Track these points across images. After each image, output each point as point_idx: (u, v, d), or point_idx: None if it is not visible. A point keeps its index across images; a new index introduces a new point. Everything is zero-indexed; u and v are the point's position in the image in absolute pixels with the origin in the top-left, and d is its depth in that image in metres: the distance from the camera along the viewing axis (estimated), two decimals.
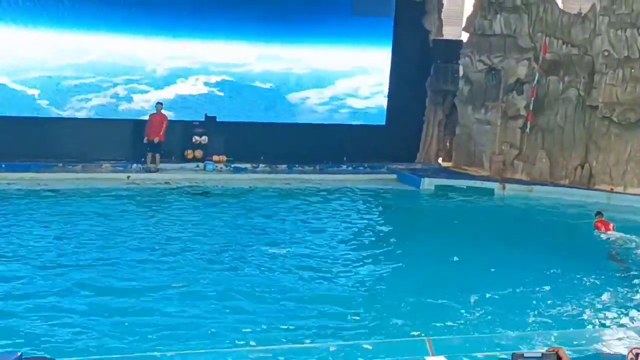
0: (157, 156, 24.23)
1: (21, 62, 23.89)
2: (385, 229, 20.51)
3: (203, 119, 25.81)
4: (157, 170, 24.03)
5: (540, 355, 3.23)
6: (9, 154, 23.26)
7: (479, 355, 9.43)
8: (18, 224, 17.91)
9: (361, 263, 16.39)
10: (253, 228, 18.82)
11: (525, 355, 3.26)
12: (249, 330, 11.80)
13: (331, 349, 10.06)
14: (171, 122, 24.71)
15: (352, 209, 22.00)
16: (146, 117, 24.54)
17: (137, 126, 24.72)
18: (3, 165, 22.81)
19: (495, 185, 24.60)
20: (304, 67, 27.18)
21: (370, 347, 10.22)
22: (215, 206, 21.14)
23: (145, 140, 24.20)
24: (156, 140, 24.13)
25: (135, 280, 14.07)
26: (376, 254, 17.33)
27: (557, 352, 3.19)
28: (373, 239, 19.12)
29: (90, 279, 13.94)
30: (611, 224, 19.27)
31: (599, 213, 19.82)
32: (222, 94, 26.25)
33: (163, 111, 24.39)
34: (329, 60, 27.32)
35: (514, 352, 3.26)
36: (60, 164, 23.70)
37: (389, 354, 9.36)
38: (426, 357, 8.51)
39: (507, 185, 24.59)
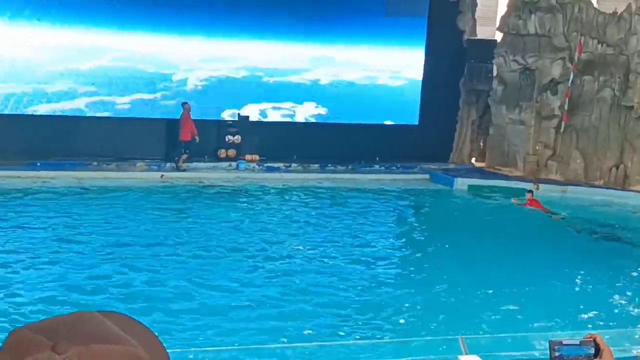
0: (184, 156, 24.24)
1: (55, 61, 24.10)
2: (418, 229, 20.47)
3: (236, 118, 25.90)
4: (185, 170, 24.11)
5: (578, 342, 3.20)
6: (44, 153, 23.44)
7: (513, 354, 9.39)
8: (52, 221, 18.08)
9: (393, 263, 16.39)
10: (286, 226, 18.87)
11: (563, 342, 3.23)
12: (283, 327, 11.85)
13: (364, 345, 10.07)
14: (204, 121, 24.80)
15: (385, 209, 21.98)
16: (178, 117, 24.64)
17: (171, 125, 24.84)
18: (38, 164, 23.00)
19: (529, 186, 24.45)
20: (337, 67, 27.18)
21: (403, 346, 10.22)
22: (247, 204, 21.22)
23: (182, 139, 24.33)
24: (187, 139, 24.17)
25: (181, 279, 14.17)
26: (409, 253, 17.33)
27: (594, 339, 3.16)
28: (406, 239, 19.10)
29: (133, 280, 14.06)
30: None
31: (530, 191, 22.55)
32: (255, 93, 26.33)
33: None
34: (363, 60, 27.31)
35: (551, 339, 3.23)
36: (95, 163, 23.88)
37: (422, 353, 9.35)
38: (459, 356, 8.48)
39: (541, 186, 24.43)
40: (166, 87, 25.49)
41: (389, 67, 27.71)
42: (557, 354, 3.23)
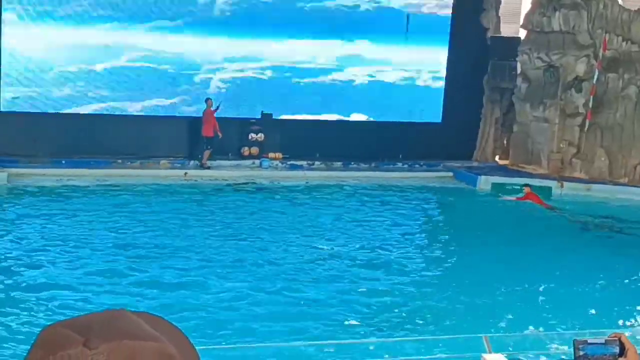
0: (207, 152, 24.32)
1: (78, 58, 24.22)
2: (441, 227, 20.45)
3: (259, 117, 25.94)
4: (209, 167, 24.18)
5: (603, 341, 3.20)
6: (69, 151, 23.59)
7: (538, 353, 9.37)
8: (77, 219, 18.20)
9: (416, 261, 16.38)
10: (308, 224, 18.90)
11: (588, 341, 3.23)
12: (304, 324, 11.87)
13: (389, 342, 10.08)
14: (228, 119, 24.87)
15: (408, 207, 21.96)
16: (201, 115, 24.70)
17: (195, 123, 24.90)
18: (63, 162, 23.15)
19: (553, 184, 24.35)
20: (360, 63, 27.16)
21: (426, 344, 10.21)
22: (271, 202, 21.26)
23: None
24: (210, 135, 24.21)
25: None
26: (432, 251, 17.30)
27: (619, 338, 3.15)
28: (429, 237, 19.08)
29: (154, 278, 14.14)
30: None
31: (527, 185, 22.73)
32: (278, 91, 26.35)
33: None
34: (386, 56, 27.27)
35: (575, 338, 3.23)
36: (119, 161, 23.99)
37: (447, 350, 9.34)
38: (483, 355, 8.46)
39: (565, 184, 24.32)
40: (187, 91, 25.55)
41: (413, 65, 27.65)
42: (581, 353, 3.23)
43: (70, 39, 23.87)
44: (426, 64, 27.80)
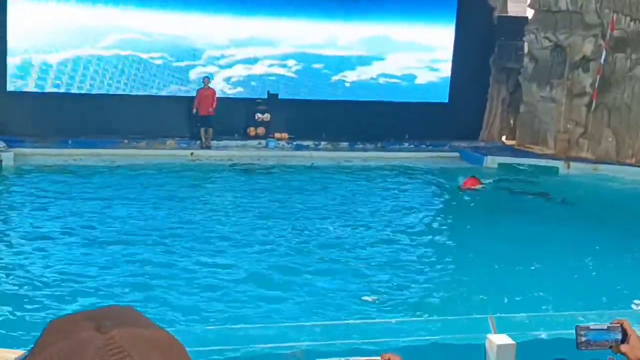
0: (210, 130, 24.31)
1: (84, 39, 24.19)
2: (447, 207, 20.42)
3: (265, 97, 25.91)
4: (209, 147, 24.17)
5: (606, 327, 3.21)
6: (76, 131, 23.61)
7: (543, 334, 9.37)
8: (84, 198, 18.23)
9: (422, 241, 16.38)
10: (314, 205, 18.91)
11: (590, 327, 3.24)
12: (309, 304, 11.89)
13: (393, 323, 10.08)
14: (234, 99, 24.89)
15: (414, 187, 21.94)
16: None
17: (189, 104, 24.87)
18: (70, 142, 23.19)
19: (559, 164, 24.30)
20: (367, 44, 27.07)
21: (431, 324, 10.22)
22: (276, 182, 21.26)
23: (195, 114, 24.30)
24: (206, 113, 24.19)
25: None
26: (438, 232, 17.29)
27: (622, 324, 3.16)
28: (435, 217, 19.07)
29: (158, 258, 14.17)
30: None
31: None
32: (284, 71, 26.30)
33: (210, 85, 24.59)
34: (393, 37, 27.17)
35: (578, 324, 3.24)
36: (126, 140, 24.00)
37: (451, 331, 9.34)
38: (488, 335, 8.46)
39: (572, 164, 24.28)
40: (195, 65, 25.51)
41: (419, 44, 27.54)
42: (583, 339, 3.24)
43: (80, 18, 23.88)
44: (432, 44, 27.67)
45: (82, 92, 24.35)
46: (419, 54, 27.65)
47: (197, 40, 25.29)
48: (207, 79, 24.51)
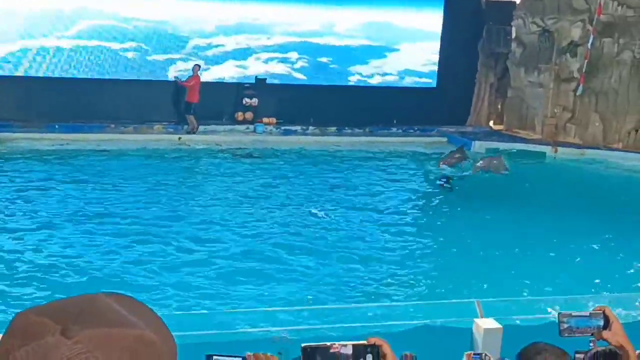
0: (191, 117, 24.19)
1: (77, 25, 24.11)
2: (434, 192, 20.44)
3: (253, 81, 25.86)
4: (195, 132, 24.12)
5: (587, 314, 3.23)
6: (63, 115, 23.52)
7: (529, 317, 9.41)
8: (71, 182, 18.19)
9: (409, 226, 16.41)
10: (301, 190, 18.92)
11: (572, 314, 3.26)
12: (297, 289, 11.91)
13: (380, 308, 10.12)
14: (222, 84, 24.83)
15: (402, 172, 21.96)
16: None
17: (176, 88, 24.77)
18: (57, 126, 23.11)
19: (547, 149, 24.35)
20: (354, 29, 27.05)
21: (419, 309, 10.25)
22: (263, 167, 21.25)
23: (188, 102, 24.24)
24: (195, 100, 24.14)
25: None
26: (425, 217, 17.32)
27: (604, 311, 3.18)
28: (422, 202, 19.09)
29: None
30: None
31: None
32: (274, 55, 26.28)
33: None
34: (380, 21, 27.14)
35: (560, 312, 3.26)
36: (113, 125, 23.93)
37: (439, 316, 9.38)
38: (475, 319, 8.50)
39: (559, 149, 24.33)
40: (184, 51, 25.46)
41: (407, 29, 27.52)
42: (566, 325, 3.26)
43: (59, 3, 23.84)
44: (421, 28, 27.65)
45: (70, 76, 24.25)
46: (407, 39, 27.61)
47: (185, 23, 25.20)
48: (197, 66, 24.45)
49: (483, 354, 6.70)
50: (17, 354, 1.16)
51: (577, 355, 3.60)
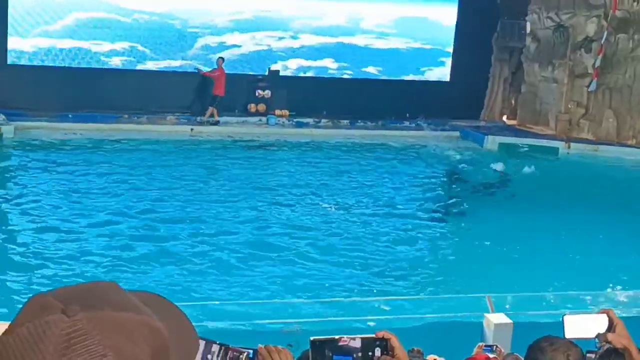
0: (212, 110, 24.31)
1: (87, 16, 24.15)
2: (447, 186, 20.43)
3: (266, 73, 25.86)
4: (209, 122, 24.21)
5: (592, 317, 3.24)
6: (76, 105, 23.57)
7: (538, 313, 9.41)
8: (83, 172, 18.25)
9: (421, 220, 16.39)
10: (313, 183, 18.93)
11: (577, 317, 3.27)
12: (307, 282, 11.92)
13: (392, 302, 10.13)
14: (235, 75, 24.81)
15: (414, 165, 21.93)
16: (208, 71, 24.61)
17: (202, 79, 24.85)
18: (70, 116, 23.15)
19: (560, 145, 24.27)
20: (368, 22, 27.02)
21: (430, 303, 10.26)
22: (275, 159, 21.27)
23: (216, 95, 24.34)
24: (221, 94, 24.22)
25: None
26: (437, 210, 17.30)
27: (608, 314, 3.19)
28: (435, 196, 19.07)
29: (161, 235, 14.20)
30: None
31: None
32: (284, 46, 26.28)
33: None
34: (395, 14, 27.10)
35: (565, 313, 3.28)
36: (126, 116, 23.96)
37: (450, 310, 9.39)
38: (486, 314, 8.51)
39: (573, 145, 24.24)
40: (197, 42, 25.48)
41: (421, 23, 27.47)
42: (570, 327, 3.26)
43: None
44: (435, 21, 27.60)
45: (83, 66, 24.31)
46: (421, 32, 27.57)
47: (199, 15, 25.23)
48: (221, 59, 24.49)
49: (494, 346, 6.72)
50: (18, 330, 1.19)
51: (589, 355, 3.63)
